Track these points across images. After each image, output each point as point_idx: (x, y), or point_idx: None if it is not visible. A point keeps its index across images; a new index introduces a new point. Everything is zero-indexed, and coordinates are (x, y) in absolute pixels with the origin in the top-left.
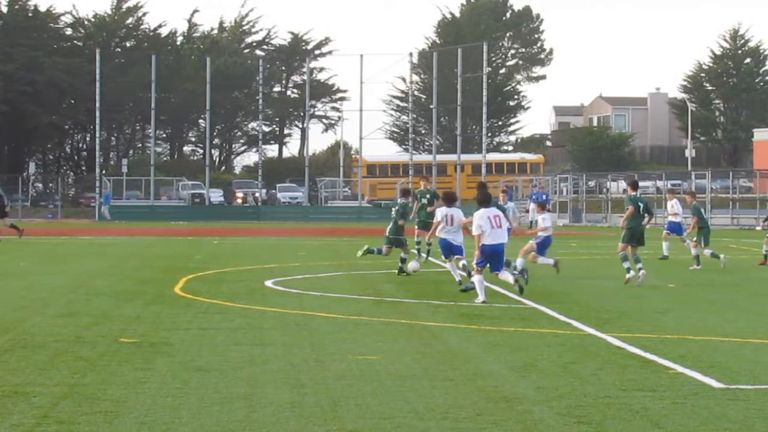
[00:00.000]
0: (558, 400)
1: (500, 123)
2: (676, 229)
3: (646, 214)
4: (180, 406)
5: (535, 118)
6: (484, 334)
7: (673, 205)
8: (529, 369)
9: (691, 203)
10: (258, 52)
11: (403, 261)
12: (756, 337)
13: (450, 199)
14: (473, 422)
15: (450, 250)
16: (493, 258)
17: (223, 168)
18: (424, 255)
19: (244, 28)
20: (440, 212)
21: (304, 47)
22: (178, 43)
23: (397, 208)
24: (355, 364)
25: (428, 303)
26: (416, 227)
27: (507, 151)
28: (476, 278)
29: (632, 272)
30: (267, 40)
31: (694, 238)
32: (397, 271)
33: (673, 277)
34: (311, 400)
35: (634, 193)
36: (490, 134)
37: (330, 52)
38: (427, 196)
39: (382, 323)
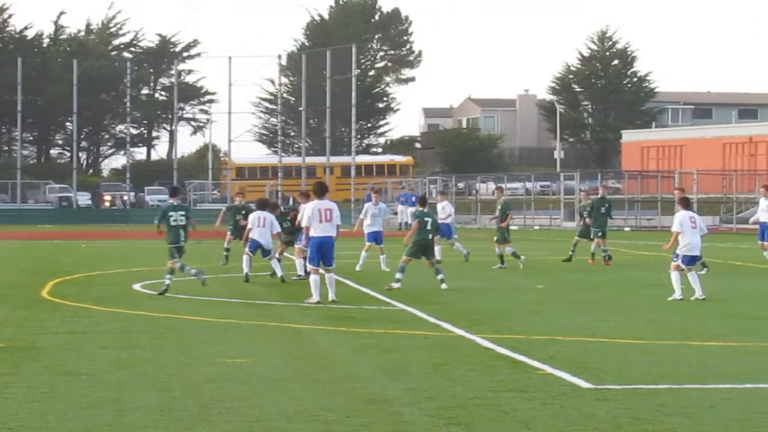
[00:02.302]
0: (428, 401)
1: (369, 125)
2: (445, 231)
3: (433, 230)
4: (47, 411)
5: (405, 120)
6: (353, 336)
7: (444, 207)
8: (398, 371)
9: (499, 199)
10: (125, 54)
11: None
12: (624, 337)
13: (264, 204)
14: (343, 425)
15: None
16: (322, 252)
17: (91, 171)
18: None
19: (112, 30)
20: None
21: (171, 49)
22: (45, 45)
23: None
24: (224, 367)
25: (298, 305)
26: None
27: (376, 153)
28: (312, 278)
29: (400, 284)
30: (134, 42)
31: (496, 238)
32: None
33: (542, 278)
34: (180, 403)
35: (421, 209)
36: (359, 136)
37: (198, 55)
38: (243, 212)
39: (251, 326)
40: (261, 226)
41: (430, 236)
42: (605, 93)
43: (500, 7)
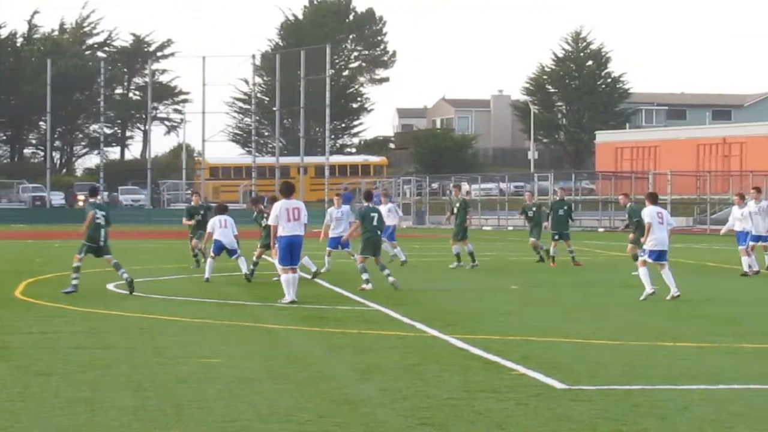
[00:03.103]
0: (402, 401)
1: (343, 125)
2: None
3: (380, 226)
4: (20, 411)
5: (379, 121)
6: (327, 337)
7: (390, 210)
8: (372, 371)
9: (456, 196)
10: (99, 53)
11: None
12: (597, 338)
13: (223, 209)
14: (317, 425)
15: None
16: (291, 250)
17: (65, 170)
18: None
19: (86, 29)
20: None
21: (146, 49)
22: (18, 44)
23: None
24: (198, 368)
25: (272, 306)
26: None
27: (350, 153)
28: (283, 278)
29: (371, 284)
30: (108, 41)
31: (459, 236)
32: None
33: (515, 278)
34: (154, 403)
35: (367, 204)
36: (333, 136)
37: (172, 54)
38: (201, 212)
39: (225, 326)
40: (222, 227)
41: (378, 232)
42: (579, 94)
43: (474, 7)
